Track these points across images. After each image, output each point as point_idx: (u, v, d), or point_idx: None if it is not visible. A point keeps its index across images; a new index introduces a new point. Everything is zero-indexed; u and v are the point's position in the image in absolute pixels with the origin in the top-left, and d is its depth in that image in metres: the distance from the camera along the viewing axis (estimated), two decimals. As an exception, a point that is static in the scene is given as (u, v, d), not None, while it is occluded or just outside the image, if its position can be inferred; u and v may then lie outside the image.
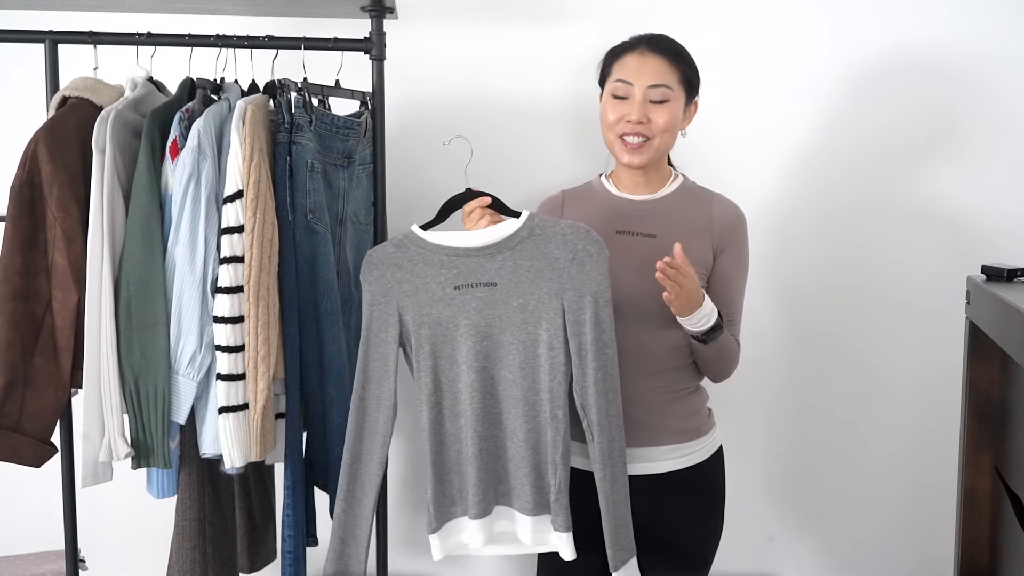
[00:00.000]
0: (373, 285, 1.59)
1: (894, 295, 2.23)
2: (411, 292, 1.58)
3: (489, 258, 1.56)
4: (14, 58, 1.95)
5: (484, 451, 1.60)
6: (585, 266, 1.55)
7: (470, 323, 1.57)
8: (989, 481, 1.65)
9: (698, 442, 1.71)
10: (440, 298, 1.57)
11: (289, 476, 1.69)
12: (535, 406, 1.58)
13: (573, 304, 1.55)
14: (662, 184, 1.73)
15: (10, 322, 1.57)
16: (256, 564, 1.92)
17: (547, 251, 1.56)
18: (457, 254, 1.57)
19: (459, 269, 1.57)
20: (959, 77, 2.17)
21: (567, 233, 1.56)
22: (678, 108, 1.67)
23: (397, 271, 1.58)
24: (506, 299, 1.56)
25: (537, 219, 1.58)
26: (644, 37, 1.69)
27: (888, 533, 2.30)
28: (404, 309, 1.58)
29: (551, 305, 1.55)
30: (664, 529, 1.69)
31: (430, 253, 1.58)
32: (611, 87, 1.68)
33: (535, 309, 1.56)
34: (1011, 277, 1.61)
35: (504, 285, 1.56)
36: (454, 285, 1.57)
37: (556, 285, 1.55)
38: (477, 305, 1.57)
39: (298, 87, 1.70)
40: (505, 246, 1.56)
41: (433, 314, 1.57)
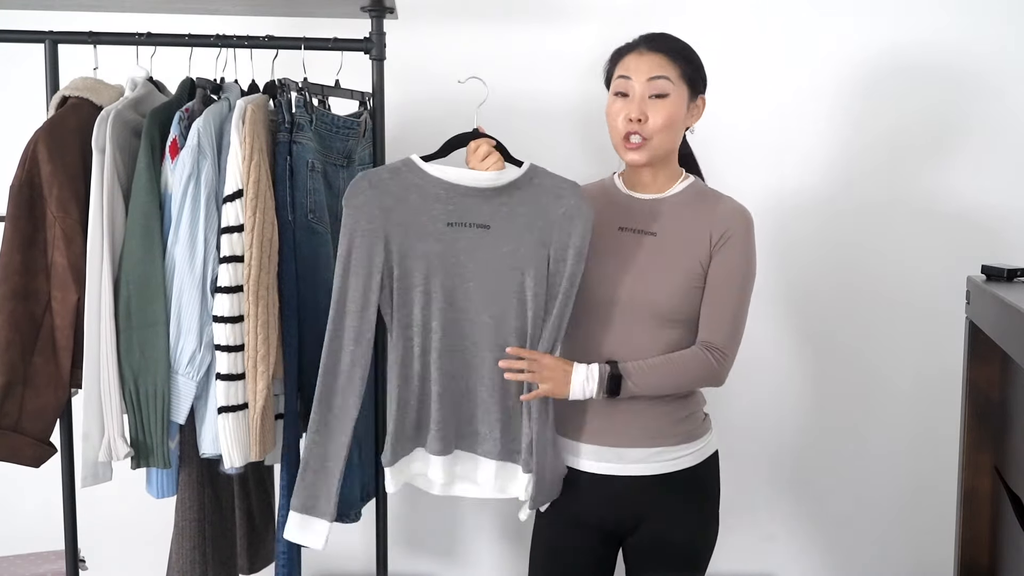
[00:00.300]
0: (358, 212, 1.54)
1: (895, 295, 2.23)
2: (400, 222, 1.56)
3: (486, 200, 1.57)
4: (14, 58, 1.95)
5: (449, 390, 1.60)
6: (574, 220, 1.57)
7: (457, 262, 1.57)
8: (989, 481, 1.65)
9: (690, 445, 1.70)
10: (430, 232, 1.56)
11: (286, 476, 1.69)
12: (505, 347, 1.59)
13: (557, 255, 1.58)
14: (670, 184, 1.73)
15: (10, 322, 1.57)
16: (256, 564, 1.92)
17: (542, 202, 1.58)
18: (456, 191, 1.57)
19: (454, 206, 1.57)
20: (961, 77, 2.17)
21: (562, 187, 1.59)
22: (678, 104, 1.66)
23: (388, 198, 1.56)
24: (497, 243, 1.57)
25: (538, 170, 1.60)
26: (644, 37, 1.69)
27: (888, 533, 2.30)
28: (391, 238, 1.56)
29: (539, 254, 1.57)
30: (657, 532, 1.68)
31: (427, 185, 1.57)
32: (614, 86, 1.68)
33: (524, 256, 1.57)
34: (1011, 277, 1.61)
35: (497, 229, 1.57)
36: (447, 222, 1.56)
37: (546, 235, 1.57)
38: (467, 245, 1.57)
39: (298, 87, 1.70)
40: (505, 190, 1.58)
41: (420, 248, 1.56)
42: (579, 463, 1.68)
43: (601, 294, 1.64)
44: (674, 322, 1.65)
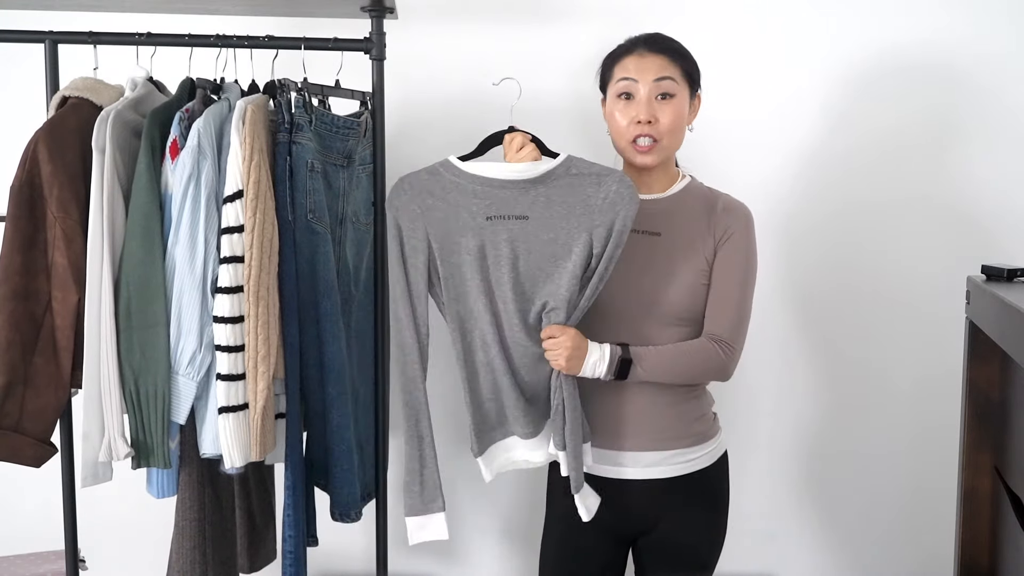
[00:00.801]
0: (400, 212, 1.61)
1: (896, 295, 2.23)
2: (441, 220, 1.60)
3: (523, 191, 1.59)
4: (14, 58, 1.95)
5: (519, 377, 1.63)
6: (616, 206, 1.58)
7: (499, 254, 1.59)
8: (989, 481, 1.65)
9: (703, 447, 1.70)
10: (471, 227, 1.59)
11: (289, 476, 1.69)
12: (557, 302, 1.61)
13: (600, 239, 1.58)
14: (669, 183, 1.73)
15: (10, 322, 1.57)
16: (256, 564, 1.92)
17: (581, 189, 1.59)
18: (492, 185, 1.59)
19: (492, 200, 1.59)
20: (961, 76, 2.17)
21: (603, 175, 1.60)
22: (683, 104, 1.67)
23: (428, 198, 1.60)
24: (537, 232, 1.59)
25: (575, 160, 1.61)
26: (640, 38, 1.69)
27: (889, 533, 2.30)
28: (433, 236, 1.60)
29: (580, 239, 1.58)
30: (669, 533, 1.69)
31: (465, 182, 1.60)
32: (615, 88, 1.67)
33: (564, 243, 1.59)
34: (1011, 277, 1.61)
35: (536, 219, 1.59)
36: (486, 215, 1.59)
37: (587, 220, 1.58)
38: (507, 236, 1.59)
39: (298, 87, 1.70)
40: (540, 181, 1.59)
41: (463, 243, 1.59)
42: (592, 466, 1.68)
43: (608, 296, 1.64)
44: (682, 320, 1.65)
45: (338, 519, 1.76)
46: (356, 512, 1.78)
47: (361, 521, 1.79)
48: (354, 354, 1.82)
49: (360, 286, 1.85)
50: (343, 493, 1.75)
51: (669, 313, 1.64)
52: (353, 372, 1.80)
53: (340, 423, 1.72)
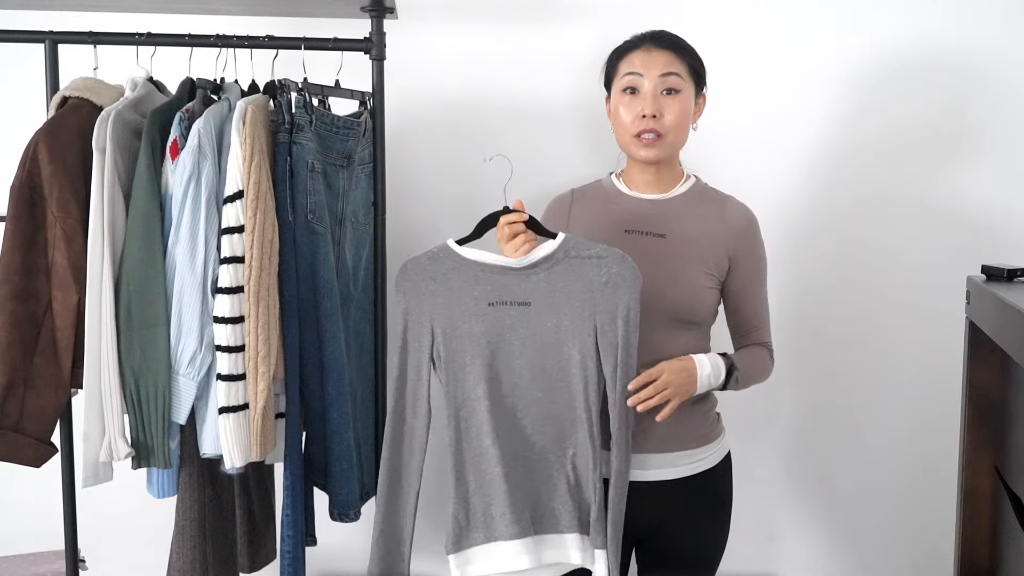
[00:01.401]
0: (408, 295, 1.59)
1: (896, 294, 2.23)
2: (444, 305, 1.57)
3: (524, 277, 1.56)
4: (14, 58, 1.95)
5: (515, 470, 1.58)
6: (619, 289, 1.55)
7: (503, 340, 1.56)
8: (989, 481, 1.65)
9: (708, 448, 1.70)
10: (474, 312, 1.57)
11: (288, 476, 1.69)
12: (572, 424, 1.57)
13: (605, 326, 1.55)
14: (674, 184, 1.72)
15: (10, 322, 1.57)
16: (256, 564, 1.92)
17: (582, 272, 1.55)
18: (492, 271, 1.57)
19: (493, 286, 1.57)
20: (962, 76, 2.17)
21: (602, 256, 1.56)
22: (689, 100, 1.66)
23: (431, 283, 1.58)
24: (540, 318, 1.56)
25: (572, 240, 1.57)
26: (647, 34, 1.69)
27: (889, 533, 2.30)
28: (436, 321, 1.57)
29: (584, 325, 1.55)
30: (674, 534, 1.68)
31: (465, 267, 1.57)
32: (621, 83, 1.67)
33: (568, 329, 1.55)
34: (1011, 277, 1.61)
35: (538, 304, 1.56)
36: (488, 301, 1.56)
37: (589, 306, 1.55)
38: (511, 323, 1.56)
39: (298, 87, 1.70)
40: (540, 266, 1.56)
41: (465, 328, 1.57)
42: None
43: None
44: (688, 323, 1.65)
45: (337, 519, 1.76)
46: (355, 512, 1.78)
47: (360, 521, 1.80)
48: (353, 354, 1.82)
49: (359, 286, 1.85)
50: (342, 493, 1.75)
51: (674, 316, 1.64)
52: (352, 372, 1.80)
53: (339, 423, 1.72)
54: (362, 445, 1.84)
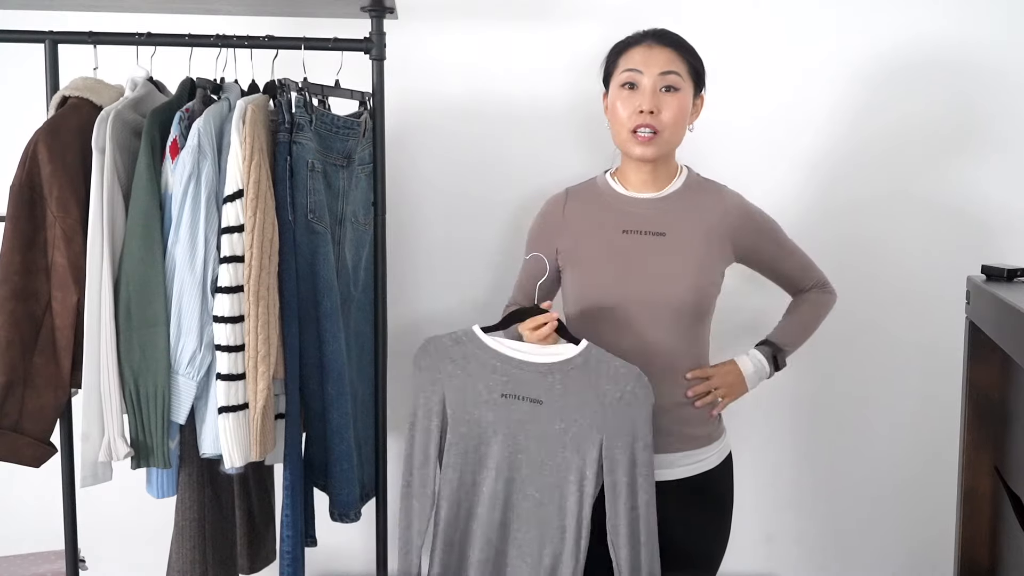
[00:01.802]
0: (423, 372, 1.62)
1: (896, 295, 2.23)
2: (459, 388, 1.60)
3: (541, 376, 1.57)
4: (14, 58, 1.95)
5: (488, 560, 1.61)
6: (631, 407, 1.55)
7: (510, 433, 1.58)
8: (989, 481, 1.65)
9: (709, 448, 1.70)
10: (486, 400, 1.59)
11: (288, 476, 1.69)
12: (558, 531, 1.58)
13: (611, 441, 1.55)
14: (669, 180, 1.72)
15: (10, 322, 1.57)
16: (256, 564, 1.92)
17: (597, 384, 1.56)
18: (511, 364, 1.59)
19: (509, 378, 1.58)
20: (963, 77, 2.17)
21: (620, 371, 1.56)
22: (687, 99, 1.66)
23: (449, 364, 1.61)
24: (549, 419, 1.57)
25: (594, 351, 1.58)
26: (649, 32, 1.69)
27: (888, 533, 2.30)
28: (448, 402, 1.60)
29: (591, 436, 1.56)
30: (674, 535, 1.68)
31: (485, 355, 1.60)
32: (620, 78, 1.66)
33: (575, 436, 1.56)
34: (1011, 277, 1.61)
35: (549, 405, 1.57)
36: (502, 392, 1.58)
37: (599, 419, 1.55)
38: (520, 418, 1.58)
39: (298, 87, 1.70)
40: (558, 368, 1.57)
41: (476, 414, 1.59)
42: None
43: (613, 299, 1.63)
44: (691, 317, 1.65)
45: (337, 519, 1.76)
46: (355, 512, 1.78)
47: (360, 521, 1.79)
48: (353, 354, 1.82)
49: (359, 286, 1.85)
50: (342, 493, 1.75)
51: (677, 312, 1.63)
52: (352, 372, 1.80)
53: (340, 423, 1.72)
54: (362, 446, 1.84)
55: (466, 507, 1.62)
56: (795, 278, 1.81)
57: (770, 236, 1.76)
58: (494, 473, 1.59)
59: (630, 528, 1.56)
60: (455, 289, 2.22)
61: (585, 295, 1.66)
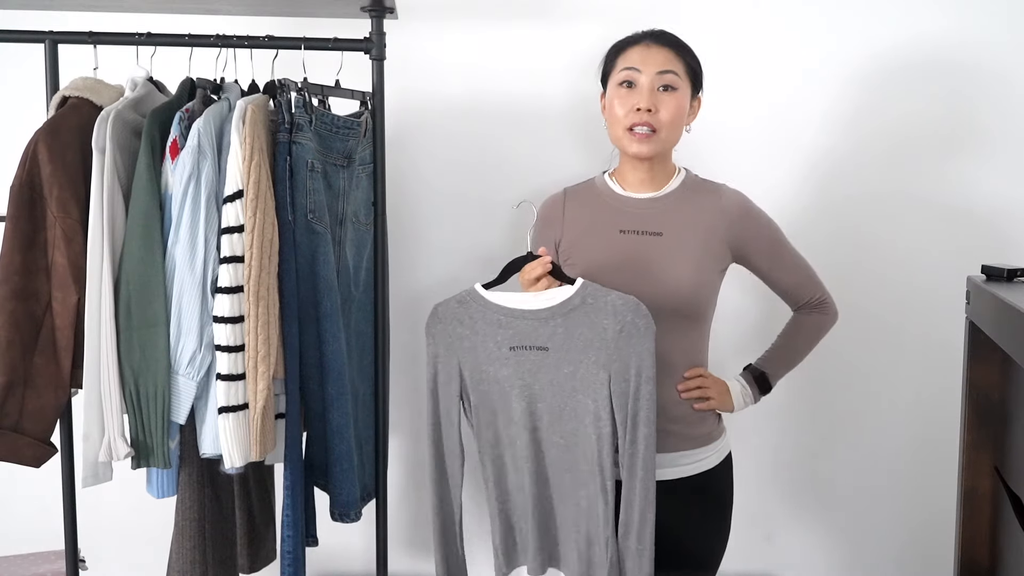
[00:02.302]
0: (437, 339, 1.62)
1: (896, 295, 2.23)
2: (470, 348, 1.60)
3: (543, 322, 1.57)
4: (14, 58, 1.95)
5: (538, 510, 1.63)
6: (632, 339, 1.54)
7: (524, 384, 1.58)
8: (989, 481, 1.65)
9: (709, 448, 1.70)
10: (496, 357, 1.59)
11: (288, 476, 1.69)
12: (587, 474, 1.59)
13: (619, 376, 1.55)
14: (666, 180, 1.72)
15: (10, 322, 1.57)
16: (256, 564, 1.92)
17: (597, 321, 1.55)
18: (514, 315, 1.58)
19: (515, 330, 1.58)
20: (962, 77, 2.17)
21: (617, 305, 1.55)
22: (684, 100, 1.66)
23: (459, 327, 1.61)
24: (557, 365, 1.57)
25: (589, 288, 1.57)
26: (647, 32, 1.69)
27: (889, 533, 2.30)
28: (464, 364, 1.61)
29: (598, 376, 1.55)
30: (673, 534, 1.68)
31: (490, 312, 1.59)
32: (618, 77, 1.66)
33: (583, 378, 1.56)
34: (1011, 277, 1.61)
35: (555, 351, 1.57)
36: (509, 346, 1.58)
37: (604, 356, 1.55)
38: (530, 368, 1.58)
39: (298, 87, 1.70)
40: (558, 311, 1.57)
41: (490, 372, 1.59)
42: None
43: None
44: (688, 317, 1.65)
45: (338, 519, 1.76)
46: (356, 512, 1.78)
47: (361, 521, 1.80)
48: (354, 354, 1.82)
49: (360, 286, 1.85)
50: (343, 493, 1.75)
51: (675, 313, 1.63)
52: (353, 372, 1.80)
53: (340, 423, 1.72)
54: (363, 445, 1.84)
55: (510, 459, 1.63)
56: (792, 289, 1.78)
57: (767, 238, 1.74)
58: (519, 427, 1.60)
59: (629, 462, 1.56)
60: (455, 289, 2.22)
61: None
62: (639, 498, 1.57)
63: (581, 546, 1.62)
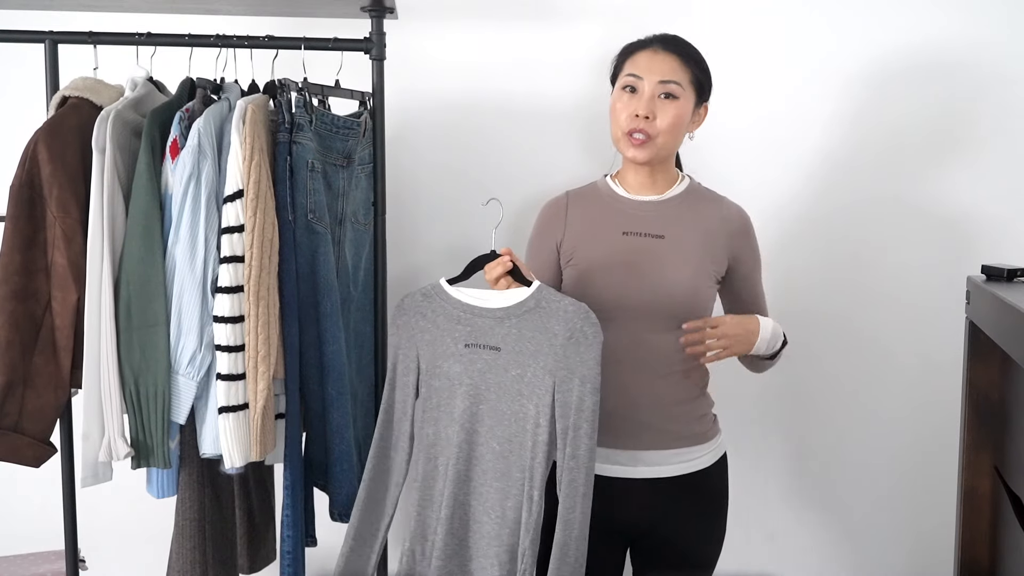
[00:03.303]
0: (401, 330, 1.62)
1: (896, 295, 2.23)
2: (429, 342, 1.60)
3: (499, 322, 1.57)
4: (14, 58, 1.95)
5: (455, 516, 1.57)
6: (580, 347, 1.53)
7: (472, 383, 1.57)
8: (989, 481, 1.65)
9: (704, 447, 1.70)
10: (452, 353, 1.58)
11: (288, 476, 1.69)
12: (514, 483, 1.55)
13: (563, 384, 1.53)
14: (669, 185, 1.73)
15: (10, 322, 1.57)
16: (256, 564, 1.92)
17: (548, 325, 1.54)
18: (473, 312, 1.58)
19: (472, 327, 1.58)
20: (962, 78, 2.17)
21: (568, 311, 1.54)
22: (686, 108, 1.66)
23: (421, 320, 1.60)
24: (506, 366, 1.56)
25: (544, 291, 1.56)
26: (659, 36, 1.69)
27: (889, 533, 2.30)
28: (422, 357, 1.60)
29: (544, 381, 1.54)
30: (669, 533, 1.68)
31: (451, 307, 1.59)
32: (622, 81, 1.68)
33: (530, 382, 1.55)
34: (1011, 277, 1.61)
35: (507, 352, 1.56)
36: (465, 343, 1.58)
37: (551, 361, 1.54)
38: (481, 367, 1.57)
39: (298, 87, 1.70)
40: (514, 312, 1.56)
41: (444, 367, 1.59)
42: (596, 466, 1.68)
43: (612, 300, 1.63)
44: (688, 319, 1.65)
45: (337, 519, 1.76)
46: (356, 512, 1.77)
47: (361, 521, 1.79)
48: (353, 354, 1.82)
49: (359, 286, 1.85)
50: (342, 493, 1.75)
51: (673, 315, 1.64)
52: (352, 372, 1.80)
53: (340, 423, 1.72)
54: (362, 445, 1.84)
55: (443, 463, 1.59)
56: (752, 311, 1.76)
57: (752, 262, 1.76)
58: (458, 426, 1.57)
59: (570, 476, 1.51)
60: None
61: (585, 295, 1.66)
62: (579, 516, 1.51)
63: (503, 558, 1.55)
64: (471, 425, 1.57)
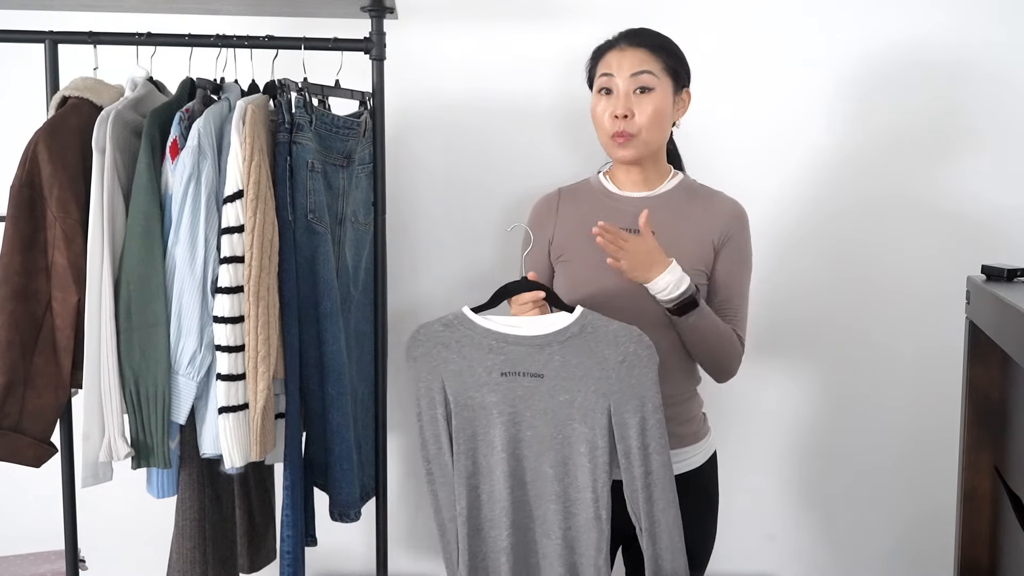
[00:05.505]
0: (419, 362, 1.58)
1: (896, 294, 2.23)
2: (456, 373, 1.57)
3: (538, 349, 1.54)
4: (14, 58, 1.95)
5: (518, 543, 1.58)
6: (635, 369, 1.52)
7: (514, 411, 1.55)
8: (989, 481, 1.65)
9: (695, 447, 1.71)
10: (486, 383, 1.55)
11: (288, 476, 1.69)
12: (576, 504, 1.56)
13: (620, 407, 1.52)
14: (660, 181, 1.73)
15: (10, 322, 1.57)
16: (256, 564, 1.92)
17: (597, 350, 1.52)
18: (507, 341, 1.55)
19: (507, 356, 1.55)
20: (961, 75, 2.17)
21: (619, 334, 1.52)
22: (664, 99, 1.66)
23: (444, 350, 1.57)
24: (552, 392, 1.54)
25: (590, 316, 1.54)
26: (623, 33, 1.70)
27: (888, 532, 2.30)
28: (448, 388, 1.57)
29: (598, 404, 1.52)
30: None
31: (479, 336, 1.56)
32: (597, 84, 1.69)
33: (581, 406, 1.53)
34: (1011, 277, 1.61)
35: (551, 378, 1.54)
36: (501, 371, 1.55)
37: (604, 385, 1.52)
38: (523, 394, 1.55)
39: (298, 87, 1.70)
40: (555, 339, 1.54)
41: (477, 398, 1.56)
42: None
43: (604, 294, 1.63)
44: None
45: (337, 519, 1.76)
46: (355, 512, 1.78)
47: (361, 521, 1.79)
48: (353, 354, 1.82)
49: (359, 286, 1.85)
50: (342, 493, 1.75)
51: (662, 313, 1.64)
52: (352, 372, 1.80)
53: (340, 423, 1.72)
54: (362, 445, 1.84)
55: (486, 492, 1.59)
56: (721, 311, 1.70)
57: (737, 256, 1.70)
58: (504, 454, 1.56)
59: (647, 493, 1.53)
60: (454, 288, 2.22)
61: (577, 290, 1.66)
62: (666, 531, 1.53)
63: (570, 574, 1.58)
64: (516, 451, 1.56)
